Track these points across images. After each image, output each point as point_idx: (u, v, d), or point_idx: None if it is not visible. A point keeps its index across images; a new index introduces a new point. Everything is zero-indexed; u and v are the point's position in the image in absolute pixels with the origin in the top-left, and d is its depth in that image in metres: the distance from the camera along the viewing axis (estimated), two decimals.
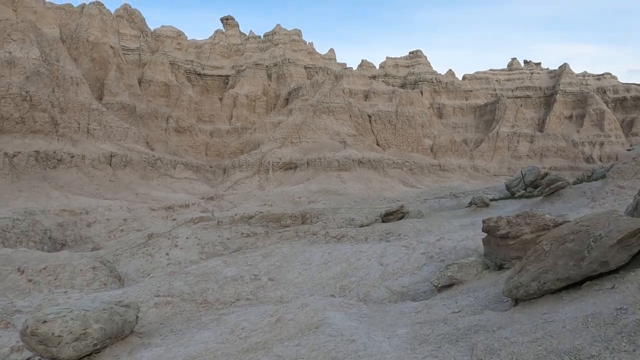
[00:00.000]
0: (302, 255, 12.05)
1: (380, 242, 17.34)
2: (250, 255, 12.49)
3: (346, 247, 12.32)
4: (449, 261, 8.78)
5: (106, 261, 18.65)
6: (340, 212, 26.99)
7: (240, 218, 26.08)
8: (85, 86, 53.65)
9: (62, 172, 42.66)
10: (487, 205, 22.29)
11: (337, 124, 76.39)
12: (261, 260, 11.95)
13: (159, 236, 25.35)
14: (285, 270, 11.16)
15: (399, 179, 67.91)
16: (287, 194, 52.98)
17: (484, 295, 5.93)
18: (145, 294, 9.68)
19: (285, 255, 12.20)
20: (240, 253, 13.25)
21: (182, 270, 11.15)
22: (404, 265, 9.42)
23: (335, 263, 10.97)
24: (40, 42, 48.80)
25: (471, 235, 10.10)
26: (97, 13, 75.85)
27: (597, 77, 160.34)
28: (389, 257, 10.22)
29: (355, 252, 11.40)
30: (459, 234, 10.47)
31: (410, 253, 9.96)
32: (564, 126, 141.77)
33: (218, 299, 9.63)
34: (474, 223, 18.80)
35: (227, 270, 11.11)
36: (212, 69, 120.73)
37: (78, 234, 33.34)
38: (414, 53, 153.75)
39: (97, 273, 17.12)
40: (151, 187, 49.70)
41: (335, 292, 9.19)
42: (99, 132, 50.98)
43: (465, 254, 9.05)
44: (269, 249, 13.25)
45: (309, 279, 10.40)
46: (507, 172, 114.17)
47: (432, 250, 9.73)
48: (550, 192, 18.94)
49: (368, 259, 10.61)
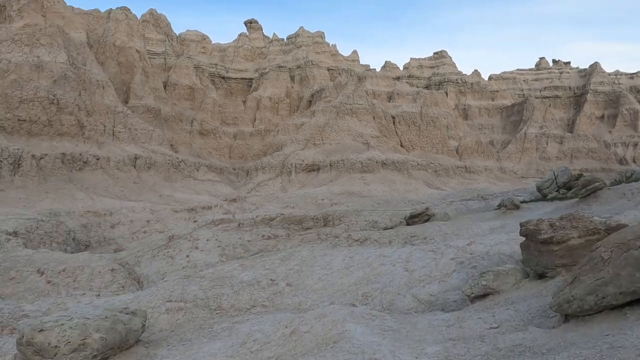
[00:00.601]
0: (323, 260, 11.45)
1: (405, 245, 16.59)
2: (269, 259, 11.96)
3: (369, 251, 11.66)
4: (481, 268, 8.05)
5: (125, 263, 18.46)
6: (363, 214, 26.29)
7: (262, 220, 25.66)
8: (111, 89, 54.40)
9: (87, 174, 43.19)
10: (517, 208, 21.24)
11: (360, 125, 75.59)
12: (279, 264, 11.40)
13: (180, 238, 25.15)
14: (305, 275, 10.58)
15: (423, 180, 66.66)
16: (310, 196, 52.49)
17: (525, 309, 5.21)
18: (157, 299, 9.24)
19: (304, 259, 11.63)
20: (258, 256, 12.72)
21: (197, 274, 10.69)
22: (432, 271, 8.72)
23: (357, 268, 10.34)
24: (67, 46, 49.68)
25: (505, 239, 9.30)
26: (123, 18, 77.11)
27: (630, 75, 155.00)
28: (415, 262, 9.52)
29: (379, 257, 10.73)
30: (491, 238, 9.68)
31: (438, 258, 9.24)
32: (595, 127, 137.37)
33: (233, 305, 9.12)
34: (505, 226, 17.85)
35: (244, 274, 10.60)
36: (236, 72, 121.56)
37: (102, 235, 33.54)
38: (438, 53, 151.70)
39: (115, 275, 16.91)
40: (175, 189, 49.93)
41: (357, 300, 8.56)
42: (124, 135, 51.56)
43: (500, 260, 8.29)
44: (287, 252, 12.69)
45: (329, 284, 9.80)
46: (536, 174, 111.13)
47: (463, 255, 8.98)
48: (586, 193, 17.84)
49: (392, 264, 9.94)
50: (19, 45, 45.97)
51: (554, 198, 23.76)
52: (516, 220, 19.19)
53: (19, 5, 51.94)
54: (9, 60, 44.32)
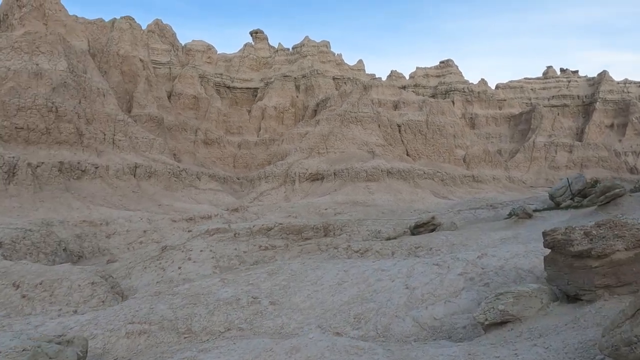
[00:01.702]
0: (314, 274, 10.17)
1: (408, 257, 15.28)
2: (254, 272, 10.70)
3: (366, 264, 10.35)
4: (495, 285, 6.75)
5: (108, 276, 17.28)
6: (366, 223, 24.98)
7: (259, 230, 24.43)
8: (112, 97, 53.74)
9: (85, 182, 42.27)
10: (530, 217, 19.86)
11: (366, 133, 74.42)
12: (265, 279, 10.13)
13: (173, 249, 23.96)
14: (292, 291, 9.31)
15: (429, 190, 65.16)
16: (313, 205, 51.20)
17: (559, 345, 3.91)
18: (119, 320, 8.00)
19: (294, 273, 10.35)
20: (244, 269, 11.46)
21: (169, 290, 9.44)
22: (436, 289, 7.41)
23: (352, 284, 9.05)
24: (68, 54, 49.15)
25: (522, 251, 7.98)
26: (127, 27, 76.92)
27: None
28: (417, 277, 8.22)
29: (376, 271, 9.43)
30: (505, 250, 8.35)
31: (443, 273, 7.93)
32: (604, 135, 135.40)
33: (205, 328, 7.86)
34: (517, 236, 16.47)
35: (223, 290, 9.35)
36: (241, 81, 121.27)
37: (96, 245, 32.44)
38: (444, 62, 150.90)
39: (95, 289, 15.71)
40: (175, 198, 48.88)
41: (347, 323, 7.27)
42: (124, 143, 50.73)
43: (517, 276, 6.97)
44: (276, 264, 11.42)
45: (318, 303, 8.52)
46: (545, 183, 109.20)
47: (473, 270, 7.67)
48: (606, 201, 16.46)
49: (391, 279, 8.64)
50: (18, 52, 45.45)
51: (569, 206, 22.34)
52: (529, 230, 17.82)
53: (20, 14, 51.65)
54: (7, 68, 43.75)
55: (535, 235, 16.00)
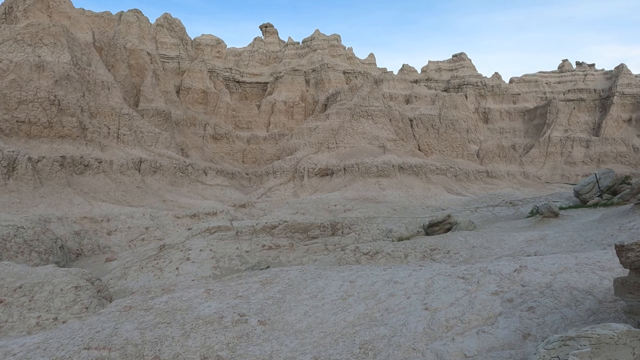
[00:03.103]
0: (314, 284, 8.68)
1: (422, 265, 13.73)
2: (245, 282, 9.23)
3: (375, 273, 8.81)
4: (543, 311, 5.21)
5: (95, 279, 15.97)
6: (376, 222, 23.42)
7: (262, 228, 23.00)
8: (117, 91, 52.64)
9: (88, 178, 41.23)
10: (556, 215, 18.17)
11: (376, 128, 72.63)
12: (257, 290, 8.67)
13: (172, 247, 22.65)
14: (287, 307, 7.82)
15: (442, 185, 63.26)
16: (322, 201, 49.70)
17: None
18: (73, 344, 6.59)
19: (291, 283, 8.87)
20: (234, 278, 9.99)
21: (143, 304, 8.01)
22: (464, 312, 5.84)
23: (358, 299, 7.55)
24: (72, 46, 48.09)
25: (571, 263, 6.38)
26: (134, 20, 75.86)
27: None
28: (439, 294, 6.66)
29: (388, 283, 7.90)
30: (548, 261, 6.76)
31: (472, 290, 6.36)
32: (622, 130, 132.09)
33: (176, 356, 6.40)
34: (545, 237, 14.81)
35: (206, 305, 7.90)
36: (250, 76, 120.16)
37: (96, 242, 31.31)
38: (457, 56, 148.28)
39: (79, 294, 14.41)
40: (180, 194, 47.71)
41: (352, 355, 5.76)
42: (129, 137, 49.63)
43: (571, 298, 5.40)
44: (271, 272, 9.93)
45: (318, 323, 7.03)
46: (561, 179, 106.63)
47: (510, 287, 6.09)
48: None
49: (406, 295, 7.11)
50: (21, 44, 44.45)
51: (597, 204, 20.59)
52: (557, 231, 16.13)
53: (24, 6, 50.67)
54: (9, 60, 42.78)
55: (565, 237, 14.33)
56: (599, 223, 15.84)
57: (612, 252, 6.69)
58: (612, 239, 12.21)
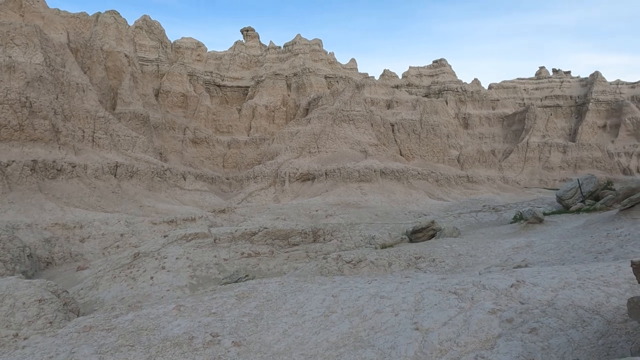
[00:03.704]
0: (294, 299, 8.08)
1: (408, 270, 13.24)
2: (220, 296, 8.57)
3: (360, 286, 8.25)
4: (547, 333, 4.72)
5: (62, 291, 15.04)
6: (358, 228, 22.91)
7: (241, 235, 22.26)
8: (93, 93, 51.20)
9: (61, 182, 39.81)
10: (540, 221, 17.94)
11: (358, 132, 72.43)
12: (232, 306, 8.03)
13: (146, 256, 21.73)
14: (264, 325, 7.19)
15: (424, 190, 63.29)
16: (303, 206, 49.07)
17: None
18: None
19: (269, 297, 8.26)
20: (209, 292, 9.30)
21: (104, 324, 7.27)
22: (459, 334, 5.31)
23: (342, 316, 6.97)
24: (45, 47, 46.58)
25: (573, 278, 5.93)
26: (112, 22, 74.30)
27: (632, 85, 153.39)
28: (430, 312, 6.12)
29: (374, 297, 7.35)
30: (547, 275, 6.29)
31: (466, 308, 5.84)
32: (597, 136, 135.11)
33: None
34: (531, 245, 14.48)
35: (175, 324, 7.21)
36: (231, 80, 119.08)
37: (68, 250, 30.06)
38: (437, 62, 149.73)
39: (43, 307, 13.47)
40: (158, 199, 46.51)
41: None
42: (105, 141, 48.25)
43: (577, 318, 4.91)
44: (248, 285, 9.27)
45: (297, 344, 6.42)
46: (539, 184, 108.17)
47: (508, 305, 5.59)
48: (630, 204, 14.53)
49: (394, 311, 6.56)
50: None
51: (580, 209, 20.48)
52: (543, 237, 15.86)
53: None
54: None
55: (552, 245, 14.03)
56: (584, 229, 15.61)
57: (614, 265, 6.26)
58: (600, 246, 11.92)
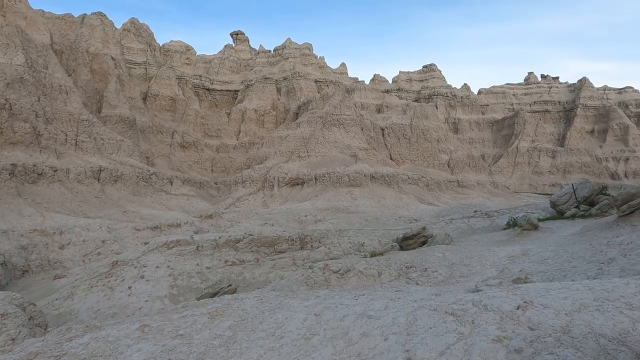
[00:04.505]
0: (272, 318, 7.26)
1: (398, 280, 12.48)
2: (191, 314, 7.73)
3: (345, 302, 7.46)
4: None
5: (29, 303, 14.05)
6: (347, 234, 22.12)
7: (225, 242, 21.36)
8: (76, 96, 49.95)
9: (42, 187, 38.55)
10: (535, 228, 17.30)
11: (348, 137, 71.79)
12: (203, 326, 7.18)
13: (125, 264, 20.73)
14: (237, 349, 6.36)
15: (414, 195, 62.73)
16: (292, 211, 48.19)
17: None
18: None
19: (245, 316, 7.43)
20: (179, 309, 8.43)
21: (53, 349, 6.40)
22: None
23: (325, 339, 6.17)
24: (27, 48, 45.34)
25: (589, 298, 5.20)
26: (98, 24, 73.05)
27: (619, 91, 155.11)
28: (424, 337, 5.34)
29: (360, 318, 6.55)
30: (559, 295, 5.54)
31: (466, 334, 5.07)
32: (585, 141, 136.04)
33: None
34: (527, 253, 13.79)
35: (136, 348, 6.36)
36: (221, 83, 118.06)
37: (46, 258, 28.89)
38: (427, 67, 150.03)
39: (5, 322, 12.47)
40: (143, 204, 45.34)
41: None
42: (88, 145, 47.01)
43: (600, 350, 4.16)
44: (223, 301, 8.43)
45: None
46: (529, 188, 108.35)
47: (516, 331, 4.81)
48: (629, 210, 13.94)
49: (383, 335, 5.78)
50: None
51: (575, 215, 19.92)
52: (539, 245, 15.17)
53: None
54: None
55: (549, 253, 13.34)
56: (581, 236, 14.98)
57: (635, 283, 5.50)
58: (602, 256, 11.25)
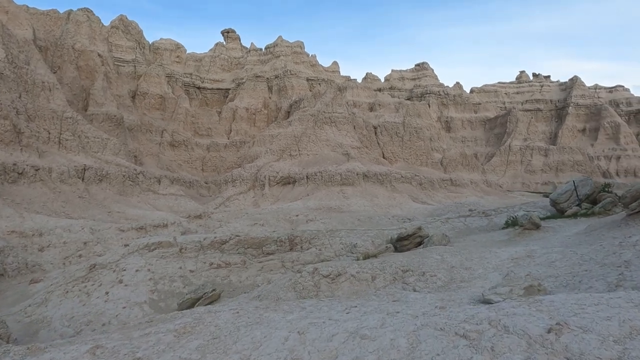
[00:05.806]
0: (249, 336, 6.16)
1: (394, 285, 11.46)
2: (154, 332, 6.61)
3: (335, 316, 6.37)
4: None
5: None
6: (339, 235, 21.08)
7: (211, 244, 20.24)
8: (60, 93, 48.46)
9: (22, 187, 37.13)
10: (537, 227, 16.39)
11: (340, 135, 70.78)
12: (167, 347, 6.08)
13: (104, 267, 19.53)
14: None
15: (408, 194, 61.86)
16: (283, 211, 47.07)
17: None
18: None
19: (217, 334, 6.33)
20: (141, 325, 7.31)
21: None
22: None
23: None
24: (7, 42, 43.83)
25: (636, 316, 4.11)
26: (84, 20, 71.40)
27: (610, 89, 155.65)
28: None
29: (352, 337, 5.49)
30: (600, 312, 4.48)
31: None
32: (577, 139, 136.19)
33: None
34: (532, 255, 12.82)
35: None
36: (211, 82, 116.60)
37: (24, 260, 27.57)
38: (420, 65, 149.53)
39: None
40: (129, 204, 44.01)
41: None
42: (72, 143, 45.58)
43: None
44: (194, 315, 7.31)
45: None
46: (521, 187, 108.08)
47: None
48: (638, 209, 13.05)
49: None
50: None
51: (576, 214, 19.04)
52: (543, 246, 14.23)
53: None
54: None
55: (557, 255, 12.39)
56: (587, 236, 14.04)
57: None
58: (616, 258, 10.28)
